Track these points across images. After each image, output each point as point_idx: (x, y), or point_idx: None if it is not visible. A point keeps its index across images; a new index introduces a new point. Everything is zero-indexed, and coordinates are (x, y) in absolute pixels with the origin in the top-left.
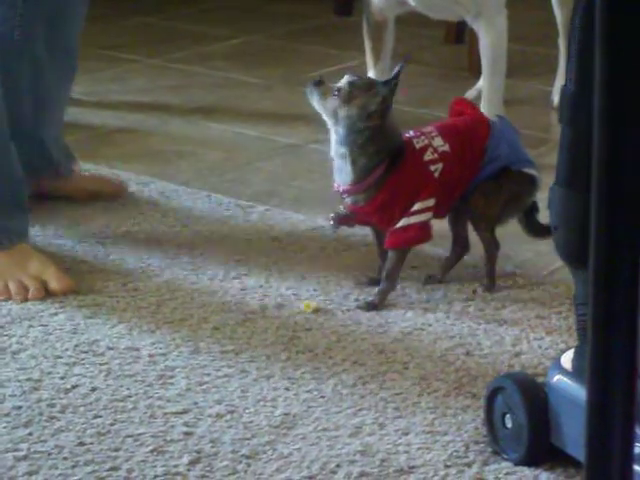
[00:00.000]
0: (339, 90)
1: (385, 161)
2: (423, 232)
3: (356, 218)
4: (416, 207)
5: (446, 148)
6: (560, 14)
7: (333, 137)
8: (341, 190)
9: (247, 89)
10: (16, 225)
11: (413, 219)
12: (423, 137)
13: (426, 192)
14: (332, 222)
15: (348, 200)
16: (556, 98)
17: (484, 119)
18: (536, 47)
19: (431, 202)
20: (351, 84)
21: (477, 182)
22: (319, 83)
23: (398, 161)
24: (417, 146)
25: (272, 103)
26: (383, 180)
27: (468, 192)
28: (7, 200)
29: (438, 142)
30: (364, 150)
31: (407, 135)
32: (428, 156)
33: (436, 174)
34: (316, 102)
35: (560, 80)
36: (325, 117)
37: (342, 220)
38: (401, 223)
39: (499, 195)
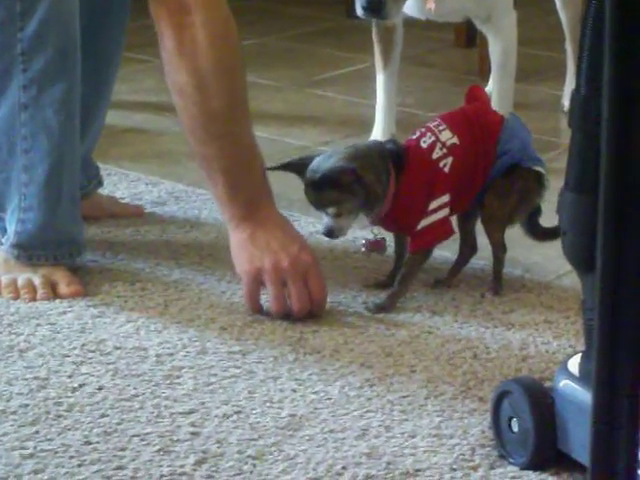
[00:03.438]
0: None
1: (387, 180)
2: (443, 229)
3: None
4: (431, 206)
5: (455, 140)
6: (564, 17)
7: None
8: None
9: (258, 91)
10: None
11: (431, 218)
12: (429, 134)
13: (439, 189)
14: (363, 248)
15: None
16: (566, 102)
17: (494, 110)
18: (547, 51)
19: (445, 198)
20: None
21: (489, 181)
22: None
23: (402, 163)
24: (424, 145)
25: (283, 105)
26: (397, 189)
27: (480, 192)
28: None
29: (446, 135)
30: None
31: (413, 137)
32: (437, 153)
33: (446, 169)
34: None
35: (570, 84)
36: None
37: (373, 246)
38: (421, 225)
39: (511, 194)
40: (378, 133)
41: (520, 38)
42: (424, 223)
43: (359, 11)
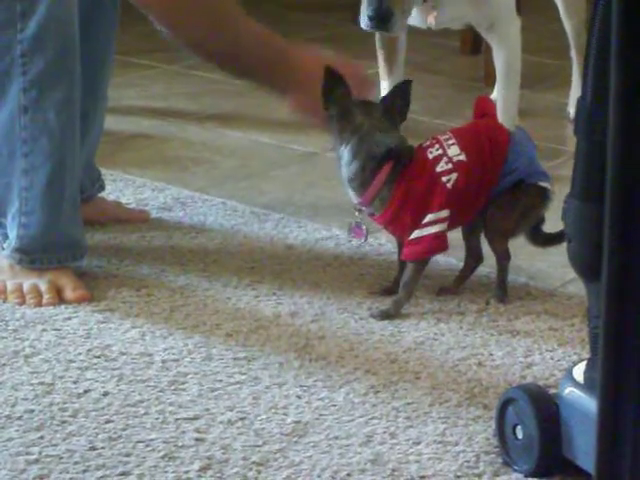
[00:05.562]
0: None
1: (380, 170)
2: (437, 243)
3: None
4: (428, 219)
5: (462, 157)
6: (568, 25)
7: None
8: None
9: (264, 97)
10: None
11: (425, 231)
12: (438, 146)
13: (437, 204)
14: (347, 231)
15: (366, 211)
16: (572, 110)
17: (504, 127)
18: (551, 59)
19: (444, 213)
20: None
21: (493, 195)
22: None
23: (404, 165)
24: (430, 156)
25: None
26: (392, 189)
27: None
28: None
29: (454, 151)
30: (356, 168)
31: (422, 145)
32: (441, 167)
33: (449, 185)
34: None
35: (575, 92)
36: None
37: (355, 231)
38: (414, 235)
39: (514, 209)
40: None
41: (524, 45)
42: (417, 234)
43: (364, 21)
